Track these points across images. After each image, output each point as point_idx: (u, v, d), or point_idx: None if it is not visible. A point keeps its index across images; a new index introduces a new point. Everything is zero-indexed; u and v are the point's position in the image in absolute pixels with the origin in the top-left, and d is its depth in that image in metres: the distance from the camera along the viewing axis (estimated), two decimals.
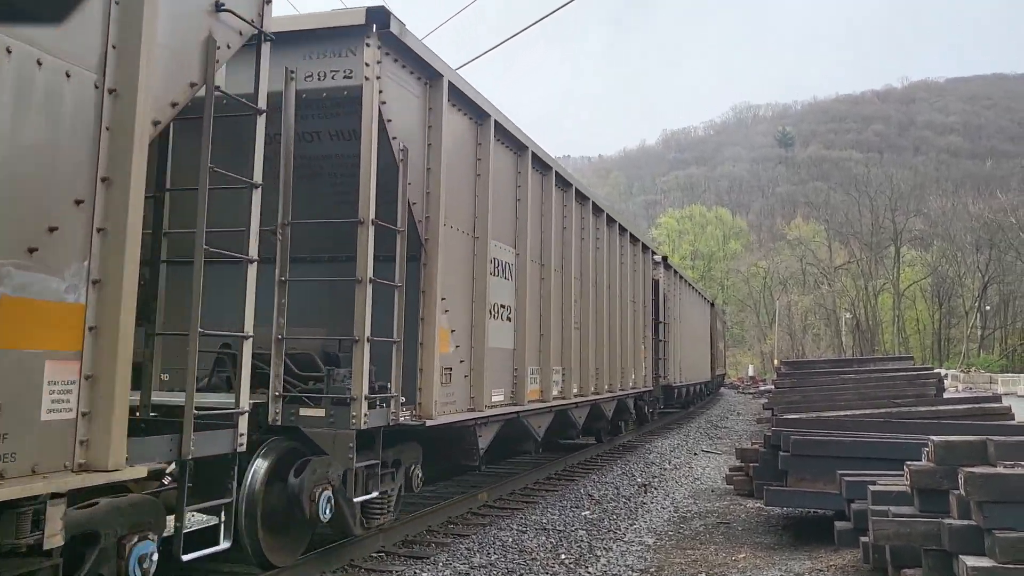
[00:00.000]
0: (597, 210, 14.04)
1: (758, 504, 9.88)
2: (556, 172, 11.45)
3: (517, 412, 9.66)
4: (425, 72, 7.60)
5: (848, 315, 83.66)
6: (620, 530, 8.89)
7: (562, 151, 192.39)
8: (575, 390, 12.25)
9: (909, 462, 6.61)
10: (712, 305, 39.83)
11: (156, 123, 4.36)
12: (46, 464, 3.67)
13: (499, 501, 10.21)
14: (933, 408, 13.46)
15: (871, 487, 6.91)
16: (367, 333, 6.38)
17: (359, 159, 6.61)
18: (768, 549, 8.14)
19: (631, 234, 17.11)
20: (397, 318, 6.77)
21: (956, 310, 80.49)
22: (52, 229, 3.70)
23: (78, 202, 3.85)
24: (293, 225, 6.57)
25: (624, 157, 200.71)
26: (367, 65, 6.56)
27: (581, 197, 12.96)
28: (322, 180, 7.40)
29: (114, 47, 4.05)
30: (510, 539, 8.16)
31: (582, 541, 8.25)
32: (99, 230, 3.96)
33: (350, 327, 6.48)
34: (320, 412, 6.37)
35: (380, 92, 6.63)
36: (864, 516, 6.72)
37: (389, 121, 6.80)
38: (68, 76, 3.81)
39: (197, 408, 4.82)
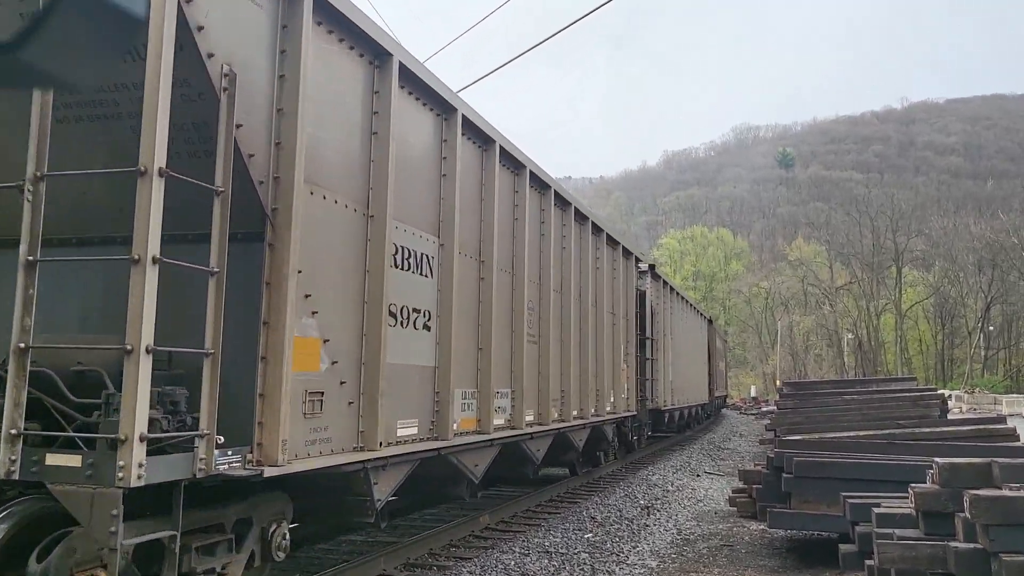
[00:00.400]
0: (563, 203, 11.90)
1: (762, 526, 9.82)
2: (500, 147, 9.21)
3: (438, 448, 7.47)
4: None
5: (850, 336, 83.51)
6: (623, 552, 8.83)
7: (563, 172, 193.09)
8: (530, 418, 10.11)
9: (914, 484, 6.57)
10: (710, 322, 37.56)
11: None
12: None
13: (501, 524, 10.15)
14: (937, 429, 13.40)
15: (875, 509, 6.87)
16: (146, 340, 4.15)
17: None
18: (772, 572, 8.08)
19: (608, 235, 14.85)
20: (212, 318, 4.61)
21: (959, 331, 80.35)
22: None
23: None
24: (50, 180, 4.54)
25: (625, 178, 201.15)
26: None
27: (540, 184, 10.82)
28: (105, 123, 5.03)
29: None
30: (512, 562, 8.11)
31: (585, 564, 8.19)
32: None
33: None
34: (75, 461, 4.25)
35: None
36: (869, 539, 6.68)
37: (200, 28, 4.61)
38: None
39: None
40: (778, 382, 51.45)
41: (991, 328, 76.48)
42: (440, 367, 7.65)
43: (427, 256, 7.47)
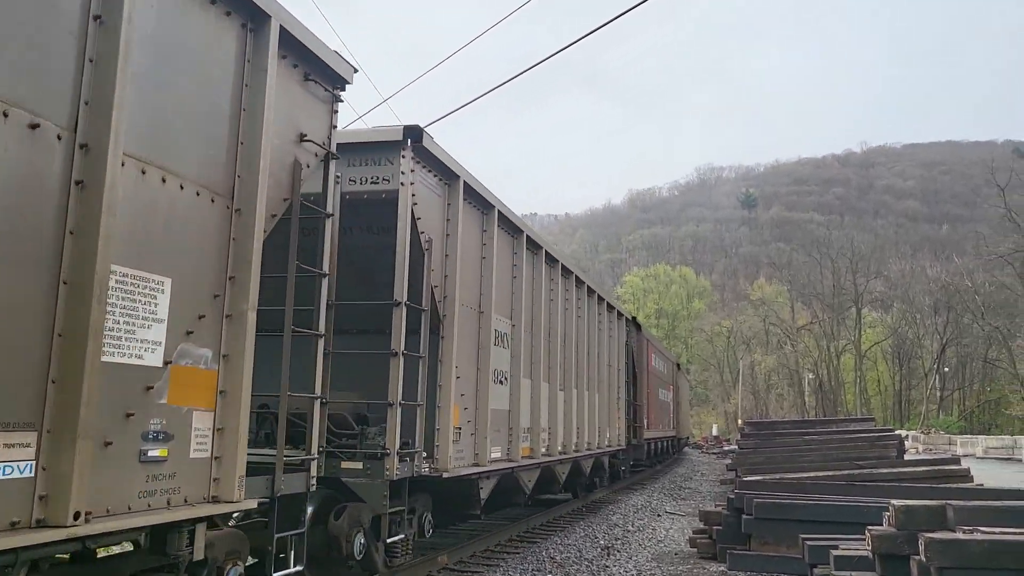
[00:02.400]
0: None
1: (722, 567, 9.79)
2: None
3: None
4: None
5: (811, 375, 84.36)
6: None
7: (529, 208, 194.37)
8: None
9: (871, 526, 6.61)
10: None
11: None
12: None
13: (459, 563, 10.01)
14: (894, 470, 13.54)
15: (833, 552, 6.89)
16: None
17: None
18: None
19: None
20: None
21: (916, 371, 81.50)
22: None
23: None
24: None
25: (590, 216, 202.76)
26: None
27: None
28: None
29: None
30: None
31: None
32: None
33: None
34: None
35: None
36: None
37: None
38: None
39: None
40: (740, 421, 51.75)
41: (946, 369, 77.69)
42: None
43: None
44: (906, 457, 17.52)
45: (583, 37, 12.12)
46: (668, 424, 32.54)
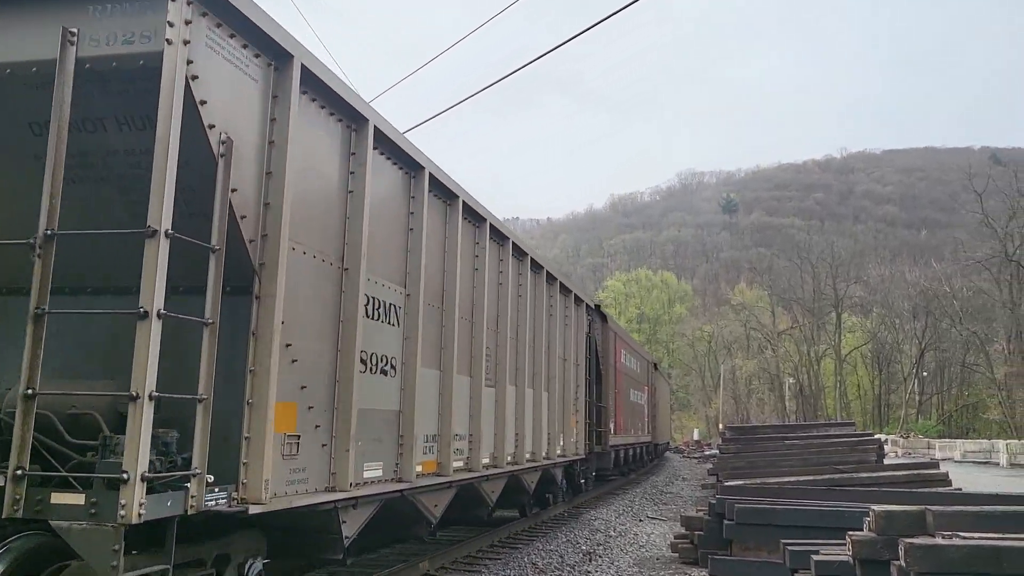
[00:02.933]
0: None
1: (704, 573, 9.81)
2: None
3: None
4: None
5: (792, 380, 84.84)
6: None
7: (511, 213, 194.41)
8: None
9: (851, 532, 6.63)
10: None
11: None
12: None
13: (441, 570, 9.97)
14: (874, 475, 13.63)
15: (814, 557, 6.91)
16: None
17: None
18: None
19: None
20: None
21: (895, 376, 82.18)
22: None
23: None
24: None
25: (572, 220, 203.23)
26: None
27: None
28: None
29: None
30: None
31: None
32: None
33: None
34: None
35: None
36: None
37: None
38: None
39: None
40: (721, 425, 51.92)
41: (925, 374, 78.36)
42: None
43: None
44: (886, 461, 17.64)
45: (562, 44, 12.15)
46: (643, 429, 28.87)
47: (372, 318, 7.23)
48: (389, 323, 7.62)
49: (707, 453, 47.11)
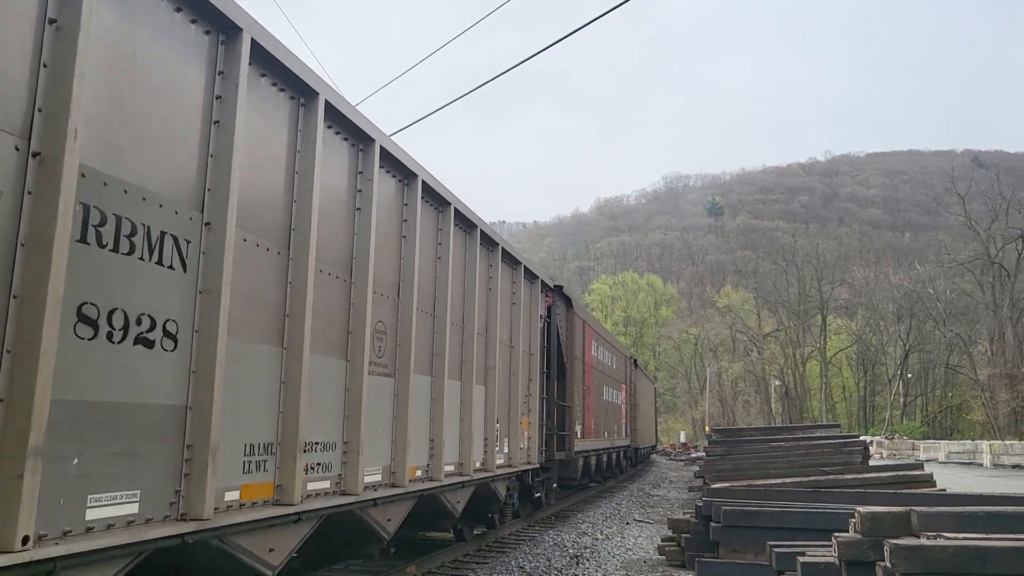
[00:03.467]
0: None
1: (691, 575, 9.82)
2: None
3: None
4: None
5: (777, 382, 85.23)
6: None
7: (497, 216, 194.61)
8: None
9: (837, 533, 6.65)
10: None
11: None
12: None
13: (428, 574, 9.95)
14: (860, 476, 13.69)
15: (800, 558, 6.93)
16: None
17: None
18: None
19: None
20: None
21: (880, 377, 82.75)
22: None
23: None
24: None
25: (558, 224, 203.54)
26: None
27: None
28: None
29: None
30: None
31: None
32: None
33: None
34: None
35: None
36: None
37: None
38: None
39: None
40: (707, 428, 52.04)
41: (909, 375, 78.93)
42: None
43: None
44: (871, 463, 17.71)
45: (546, 48, 12.16)
46: (619, 431, 25.56)
47: (106, 247, 4.24)
48: (159, 262, 4.61)
49: (693, 456, 47.23)
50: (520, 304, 12.57)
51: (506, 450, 11.76)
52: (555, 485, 16.36)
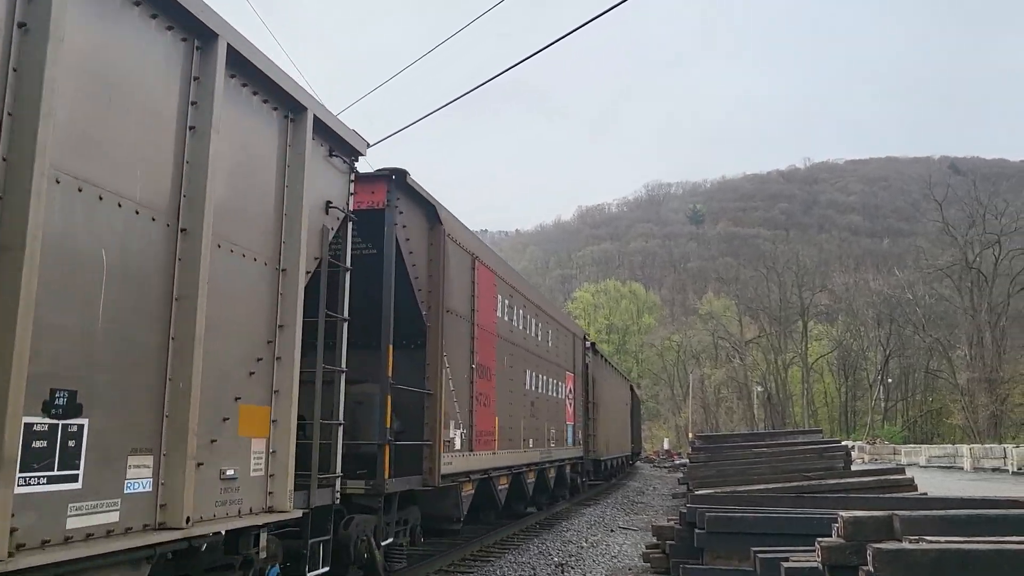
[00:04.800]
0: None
1: None
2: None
3: None
4: None
5: (760, 388, 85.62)
6: None
7: (480, 225, 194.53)
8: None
9: (820, 538, 6.67)
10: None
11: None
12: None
13: None
14: (842, 481, 13.74)
15: (784, 564, 6.94)
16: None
17: None
18: None
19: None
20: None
21: (861, 383, 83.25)
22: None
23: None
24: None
25: (540, 232, 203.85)
26: None
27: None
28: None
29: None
30: None
31: None
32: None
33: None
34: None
35: None
36: None
37: None
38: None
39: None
40: (691, 434, 52.17)
41: (890, 380, 79.47)
42: None
43: None
44: (853, 467, 17.80)
45: (525, 59, 12.20)
46: (562, 436, 18.01)
47: None
48: None
49: (677, 462, 47.33)
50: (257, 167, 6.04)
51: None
52: (404, 537, 9.70)
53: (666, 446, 72.80)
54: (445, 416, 9.79)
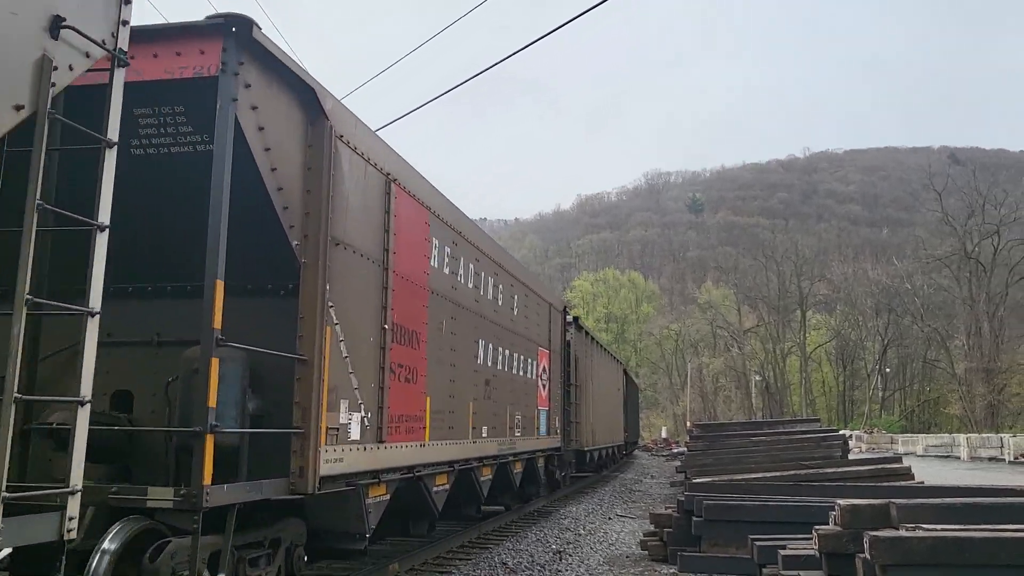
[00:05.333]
0: None
1: (673, 569, 9.87)
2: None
3: None
4: None
5: (758, 377, 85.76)
6: None
7: (479, 214, 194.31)
8: None
9: (817, 526, 6.72)
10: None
11: None
12: None
13: (411, 572, 9.94)
14: (839, 470, 13.81)
15: (781, 552, 6.99)
16: None
17: None
18: None
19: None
20: None
21: (859, 372, 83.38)
22: None
23: None
24: None
25: (540, 221, 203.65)
26: None
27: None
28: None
29: None
30: None
31: None
32: None
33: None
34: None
35: None
36: None
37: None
38: None
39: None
40: (688, 423, 52.29)
41: (888, 370, 79.60)
42: None
43: None
44: (850, 457, 17.88)
45: (524, 48, 12.19)
46: (532, 424, 14.98)
47: None
48: None
49: (675, 451, 47.46)
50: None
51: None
52: (270, 565, 6.65)
53: (664, 435, 72.95)
54: (330, 393, 6.67)
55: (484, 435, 11.72)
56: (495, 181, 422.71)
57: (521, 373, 14.10)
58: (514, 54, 12.29)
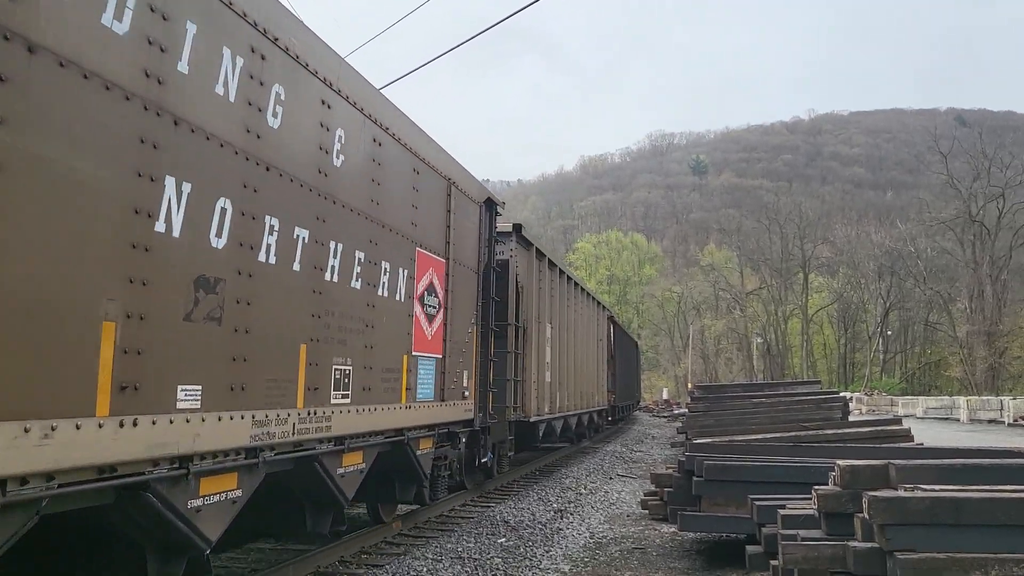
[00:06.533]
0: None
1: (673, 528, 9.98)
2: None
3: None
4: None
5: (759, 339, 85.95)
6: (536, 557, 8.86)
7: (483, 175, 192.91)
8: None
9: (817, 486, 6.76)
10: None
11: None
12: None
13: (414, 529, 10.07)
14: (839, 431, 13.88)
15: (781, 511, 7.05)
16: None
17: None
18: (682, 573, 8.23)
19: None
20: None
21: (860, 335, 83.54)
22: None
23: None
24: None
25: (543, 182, 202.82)
26: None
27: None
28: None
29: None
30: (425, 569, 8.05)
31: (498, 570, 8.18)
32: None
33: None
34: None
35: None
36: (774, 540, 6.85)
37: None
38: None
39: None
40: (690, 384, 52.50)
41: (889, 333, 79.72)
42: None
43: None
44: (850, 418, 17.95)
45: (525, 7, 12.02)
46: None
47: None
48: None
49: (676, 412, 47.73)
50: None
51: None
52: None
53: (665, 396, 73.32)
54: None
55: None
56: (498, 141, 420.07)
57: (375, 290, 7.74)
58: (522, 10, 12.14)
